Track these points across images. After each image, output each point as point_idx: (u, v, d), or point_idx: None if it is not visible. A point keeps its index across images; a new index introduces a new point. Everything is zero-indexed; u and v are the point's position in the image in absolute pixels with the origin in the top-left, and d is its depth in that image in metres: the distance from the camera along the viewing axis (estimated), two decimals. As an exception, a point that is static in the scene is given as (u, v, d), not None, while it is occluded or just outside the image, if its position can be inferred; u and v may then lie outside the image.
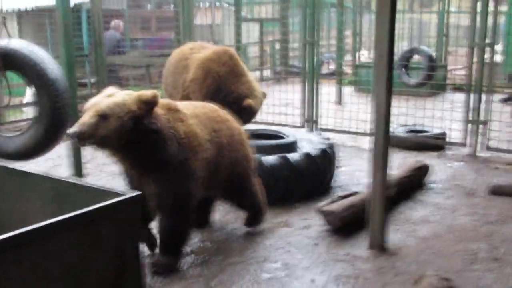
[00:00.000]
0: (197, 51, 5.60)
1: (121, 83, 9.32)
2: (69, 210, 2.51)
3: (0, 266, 1.89)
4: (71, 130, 3.01)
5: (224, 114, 3.93)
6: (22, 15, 11.30)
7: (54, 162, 6.29)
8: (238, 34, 9.34)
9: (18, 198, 2.91)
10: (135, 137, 3.10)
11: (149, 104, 3.11)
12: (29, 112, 7.46)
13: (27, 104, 7.98)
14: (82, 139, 2.99)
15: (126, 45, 10.02)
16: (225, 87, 5.20)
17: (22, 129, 5.09)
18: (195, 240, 3.96)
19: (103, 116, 2.99)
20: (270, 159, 4.73)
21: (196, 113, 3.62)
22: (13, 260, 1.93)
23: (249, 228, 4.18)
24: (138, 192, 2.47)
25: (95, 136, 3.00)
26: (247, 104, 5.14)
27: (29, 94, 7.96)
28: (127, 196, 2.42)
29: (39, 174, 2.95)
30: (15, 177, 2.90)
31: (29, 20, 11.26)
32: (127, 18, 10.58)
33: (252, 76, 5.66)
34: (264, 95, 5.55)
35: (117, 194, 2.47)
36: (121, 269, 2.39)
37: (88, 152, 5.73)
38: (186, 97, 5.41)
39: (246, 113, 5.15)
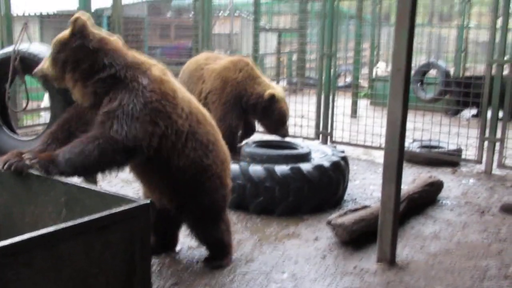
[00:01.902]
0: (212, 62, 5.70)
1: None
2: (80, 215, 2.56)
3: (11, 269, 1.94)
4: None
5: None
6: (44, 19, 11.50)
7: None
8: (255, 43, 9.41)
9: (30, 202, 2.96)
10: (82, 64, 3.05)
11: (75, 25, 3.04)
12: (47, 117, 7.57)
13: (45, 109, 8.11)
14: (39, 76, 3.25)
15: (145, 52, 10.15)
16: (245, 91, 5.38)
17: (39, 133, 5.18)
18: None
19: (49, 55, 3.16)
20: (282, 169, 4.76)
21: (189, 97, 3.47)
22: (24, 263, 1.98)
23: (206, 267, 3.69)
24: (149, 200, 2.51)
25: (43, 70, 3.19)
26: (269, 94, 5.31)
27: (47, 98, 8.09)
28: (139, 203, 2.46)
29: (51, 179, 3.01)
30: (28, 181, 2.96)
31: (51, 25, 11.46)
32: (146, 25, 10.72)
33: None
34: (284, 89, 5.71)
35: (128, 201, 2.51)
36: (131, 275, 2.43)
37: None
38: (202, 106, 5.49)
39: (273, 104, 5.35)
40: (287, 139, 5.84)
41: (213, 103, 5.44)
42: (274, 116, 5.48)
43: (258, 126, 6.12)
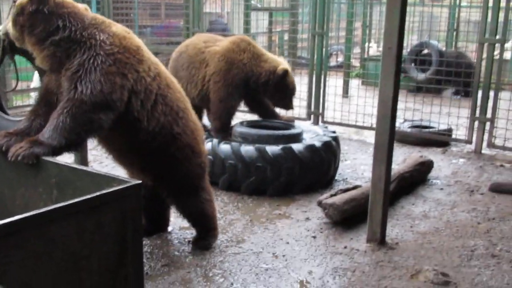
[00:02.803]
0: (212, 44, 5.65)
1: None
2: (71, 196, 2.56)
3: (1, 251, 1.93)
4: None
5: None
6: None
7: (60, 147, 6.33)
8: (246, 23, 9.33)
9: (21, 184, 2.95)
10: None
11: None
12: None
13: (35, 89, 8.03)
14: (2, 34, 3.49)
15: (135, 32, 10.04)
16: (252, 72, 5.37)
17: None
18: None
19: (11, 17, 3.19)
20: (274, 149, 4.77)
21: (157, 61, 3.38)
22: (15, 245, 1.98)
23: (196, 249, 3.67)
24: (140, 181, 2.50)
25: (6, 29, 3.30)
26: (282, 69, 5.34)
27: (37, 78, 8.00)
28: (130, 183, 2.46)
29: (42, 160, 2.99)
30: (18, 163, 2.94)
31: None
32: (136, 5, 10.58)
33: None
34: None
35: (120, 181, 2.50)
36: (123, 256, 2.44)
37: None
38: (206, 90, 5.47)
39: (286, 79, 5.39)
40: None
41: (215, 83, 5.38)
42: (288, 90, 5.51)
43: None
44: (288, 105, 5.69)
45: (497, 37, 6.46)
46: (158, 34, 11.07)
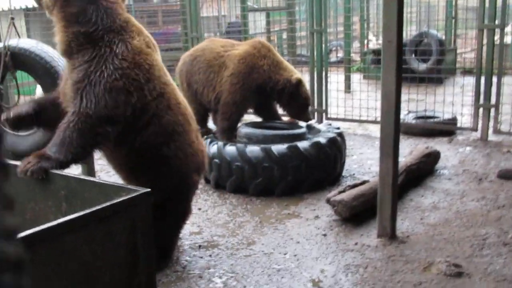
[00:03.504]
0: (231, 48, 5.66)
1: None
2: (81, 207, 2.57)
3: (14, 266, 1.94)
4: None
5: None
6: (29, 13, 11.36)
7: (67, 159, 6.36)
8: (244, 24, 9.33)
9: (30, 198, 2.97)
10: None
11: None
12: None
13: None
14: None
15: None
16: (269, 79, 5.39)
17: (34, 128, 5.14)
18: (203, 235, 4.02)
19: None
20: (279, 148, 4.77)
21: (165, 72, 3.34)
22: (28, 259, 1.99)
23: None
24: (149, 189, 2.51)
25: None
26: (296, 79, 5.37)
27: (40, 92, 8.03)
28: (139, 192, 2.47)
29: (50, 172, 3.01)
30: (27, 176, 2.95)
31: (37, 18, 11.33)
32: (133, 13, 10.60)
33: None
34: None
35: (128, 190, 2.51)
36: (134, 265, 2.44)
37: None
38: (221, 92, 5.47)
39: (300, 89, 5.43)
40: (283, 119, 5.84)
41: (233, 85, 5.37)
42: (301, 100, 5.50)
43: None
44: (303, 116, 5.64)
45: (496, 22, 6.43)
46: (157, 41, 11.08)
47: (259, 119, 5.90)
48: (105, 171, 5.83)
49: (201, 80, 5.73)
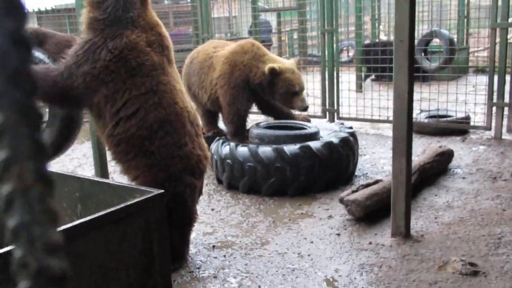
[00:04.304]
0: (221, 49, 5.68)
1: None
2: (95, 209, 2.59)
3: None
4: None
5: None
6: (41, 16, 11.47)
7: (80, 161, 6.42)
8: (255, 25, 9.35)
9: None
10: None
11: None
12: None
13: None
14: None
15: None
16: (250, 72, 5.31)
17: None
18: (216, 235, 4.03)
19: None
20: (292, 148, 4.77)
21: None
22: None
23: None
24: (163, 190, 2.52)
25: None
26: (268, 68, 5.19)
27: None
28: (153, 193, 2.48)
29: (65, 174, 3.03)
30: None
31: (49, 21, 11.43)
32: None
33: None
34: (296, 62, 5.61)
35: (142, 191, 2.53)
36: (150, 266, 2.46)
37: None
38: (215, 95, 5.51)
39: (276, 77, 5.21)
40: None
41: (221, 87, 5.42)
42: (282, 88, 5.29)
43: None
44: (291, 105, 5.44)
45: (509, 20, 6.38)
46: (168, 42, 11.13)
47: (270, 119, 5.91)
48: (118, 172, 5.86)
49: (196, 82, 5.80)
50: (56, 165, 5.78)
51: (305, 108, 5.47)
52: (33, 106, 0.33)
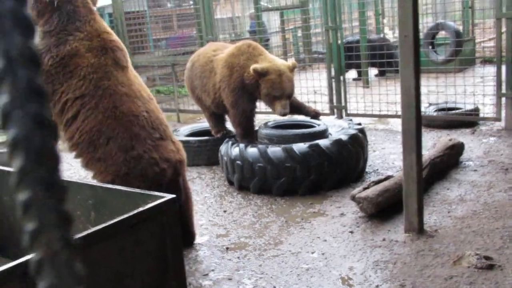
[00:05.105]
0: (220, 52, 5.68)
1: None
2: (109, 216, 2.60)
3: (49, 277, 1.98)
4: None
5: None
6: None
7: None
8: (258, 25, 9.34)
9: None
10: None
11: None
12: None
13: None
14: None
15: (149, 45, 10.20)
16: (246, 73, 5.24)
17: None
18: (230, 237, 4.03)
19: None
20: (301, 147, 4.76)
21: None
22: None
23: None
24: (175, 195, 2.53)
25: None
26: (252, 69, 5.08)
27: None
28: (165, 198, 2.49)
29: (77, 182, 3.05)
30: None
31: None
32: (148, 19, 10.68)
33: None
34: (293, 65, 5.44)
35: (155, 197, 2.54)
36: (165, 271, 2.47)
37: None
38: (218, 98, 5.52)
39: (262, 77, 5.09)
40: (302, 117, 5.83)
41: (223, 91, 5.44)
42: (263, 89, 5.13)
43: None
44: (277, 108, 5.17)
45: (516, 10, 6.32)
46: (173, 45, 11.17)
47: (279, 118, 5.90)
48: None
49: (199, 85, 5.83)
50: (68, 172, 5.80)
51: (284, 114, 5.21)
52: (57, 181, 0.37)
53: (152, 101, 3.67)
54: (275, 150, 4.79)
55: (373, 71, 10.69)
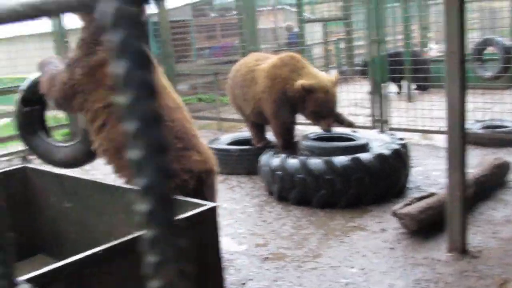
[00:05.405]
0: (262, 62, 5.72)
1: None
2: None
3: (97, 278, 2.02)
4: None
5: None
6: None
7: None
8: (301, 35, 9.35)
9: (104, 210, 3.08)
10: None
11: None
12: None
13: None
14: None
15: (193, 54, 10.35)
16: (287, 85, 5.28)
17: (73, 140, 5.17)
18: (268, 247, 4.02)
19: None
20: (342, 160, 4.72)
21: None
22: (107, 272, 2.06)
23: None
24: (216, 203, 2.54)
25: None
26: (298, 85, 5.11)
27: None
28: (206, 207, 2.50)
29: (122, 187, 3.11)
30: (101, 191, 3.08)
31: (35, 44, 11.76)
32: (192, 28, 10.87)
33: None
34: (335, 80, 5.46)
35: (195, 205, 2.55)
36: (205, 279, 2.48)
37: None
38: (258, 108, 5.56)
39: (307, 95, 5.13)
40: (342, 130, 5.79)
41: (265, 102, 5.47)
42: (310, 107, 5.21)
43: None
44: (322, 125, 5.33)
45: None
46: (216, 54, 11.31)
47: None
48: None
49: (239, 94, 5.88)
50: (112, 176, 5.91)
51: (328, 131, 5.36)
52: (175, 222, 0.48)
53: (180, 109, 3.67)
54: (315, 162, 4.77)
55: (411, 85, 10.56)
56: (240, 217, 4.74)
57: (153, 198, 0.41)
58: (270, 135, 6.05)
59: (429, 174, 5.64)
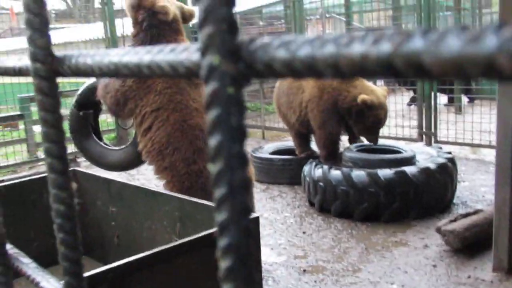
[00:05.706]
0: None
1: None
2: (193, 229, 2.70)
3: (138, 283, 2.09)
4: None
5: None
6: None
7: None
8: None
9: (148, 217, 3.17)
10: None
11: None
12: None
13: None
14: None
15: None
16: (339, 95, 5.29)
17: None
18: (307, 259, 4.02)
19: None
20: (386, 173, 4.67)
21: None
22: (147, 278, 2.13)
23: None
24: (258, 214, 2.58)
25: None
26: (361, 100, 5.11)
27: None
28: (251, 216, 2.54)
29: (166, 194, 3.19)
30: (145, 197, 3.17)
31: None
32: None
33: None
34: (387, 92, 5.51)
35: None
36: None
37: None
38: (304, 117, 5.57)
39: (367, 110, 5.15)
40: (389, 142, 5.71)
41: (311, 111, 5.48)
42: (368, 122, 5.26)
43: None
44: (367, 138, 5.45)
45: None
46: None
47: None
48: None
49: (285, 102, 5.90)
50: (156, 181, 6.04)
51: (375, 144, 5.45)
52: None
53: None
54: (359, 174, 4.73)
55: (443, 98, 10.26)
56: (281, 227, 4.75)
57: (235, 256, 0.42)
58: (314, 146, 6.04)
59: (477, 190, 5.49)
